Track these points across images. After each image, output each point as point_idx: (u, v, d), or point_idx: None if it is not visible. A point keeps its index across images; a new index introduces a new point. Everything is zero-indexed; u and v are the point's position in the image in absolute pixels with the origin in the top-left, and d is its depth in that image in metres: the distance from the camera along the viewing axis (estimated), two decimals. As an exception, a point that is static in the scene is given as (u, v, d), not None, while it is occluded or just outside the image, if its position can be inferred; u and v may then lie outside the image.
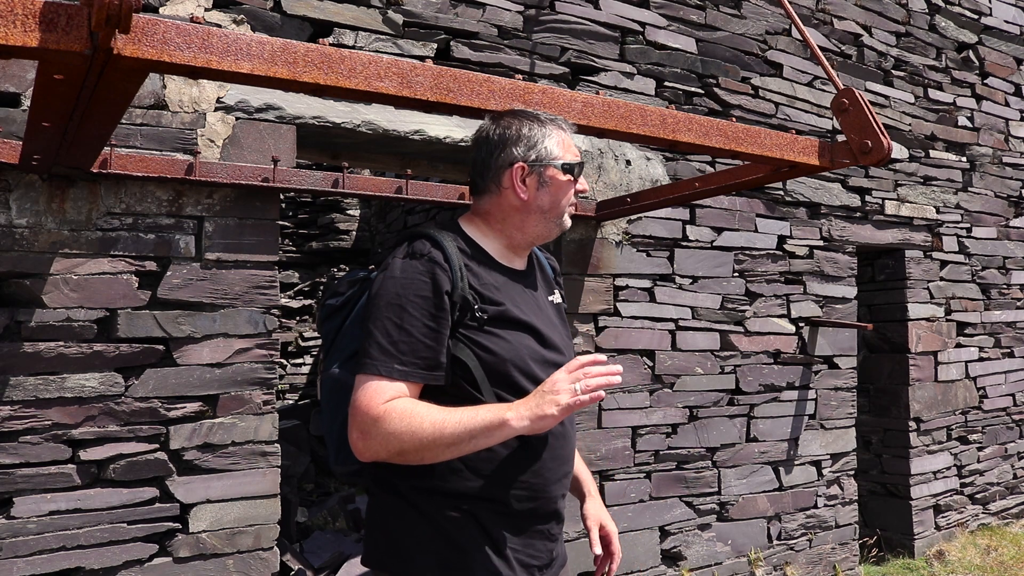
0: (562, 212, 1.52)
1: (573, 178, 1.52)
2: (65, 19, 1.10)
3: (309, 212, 7.16)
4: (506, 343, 1.42)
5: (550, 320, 1.55)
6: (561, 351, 1.53)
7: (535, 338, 1.47)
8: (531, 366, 1.44)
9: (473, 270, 1.44)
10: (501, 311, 1.43)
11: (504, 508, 1.43)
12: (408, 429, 1.30)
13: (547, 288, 1.63)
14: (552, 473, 1.47)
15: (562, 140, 1.51)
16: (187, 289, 2.33)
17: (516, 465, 1.43)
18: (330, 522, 4.27)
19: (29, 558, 2.10)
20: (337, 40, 2.68)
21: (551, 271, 1.70)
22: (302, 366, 7.02)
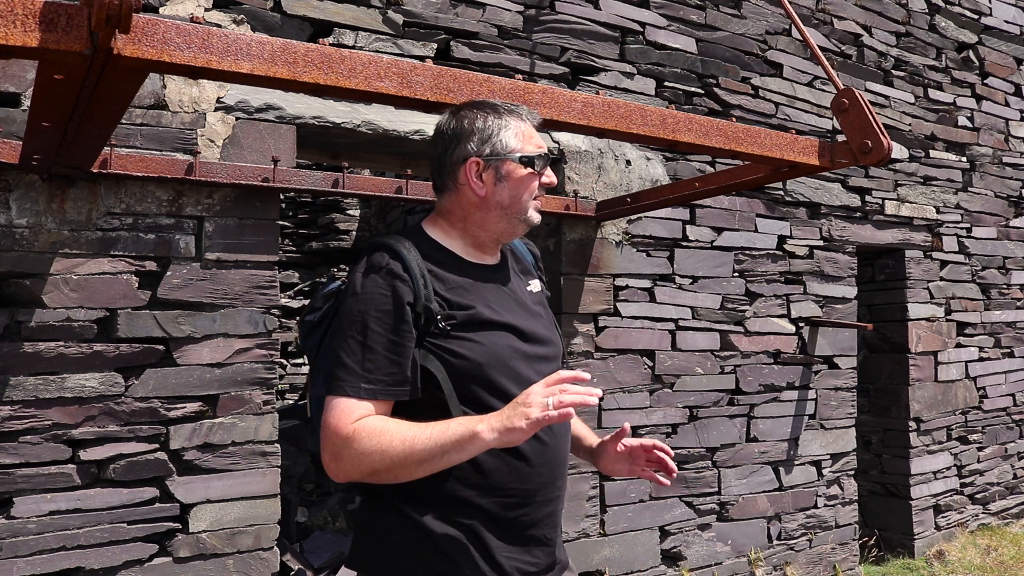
0: (524, 208, 1.45)
1: (535, 171, 1.44)
2: (65, 19, 1.10)
3: (309, 212, 7.16)
4: (479, 346, 1.37)
5: (530, 312, 1.50)
6: (546, 342, 1.48)
7: (515, 335, 1.42)
8: (512, 365, 1.39)
9: (438, 275, 1.40)
10: (471, 314, 1.38)
11: (494, 514, 1.39)
12: (378, 448, 1.27)
13: (525, 277, 1.58)
14: (542, 478, 1.42)
15: (520, 131, 1.44)
16: (187, 289, 2.33)
17: (503, 471, 1.38)
18: (330, 522, 4.27)
19: (29, 558, 2.10)
20: (337, 40, 2.68)
21: (531, 257, 1.65)
22: (302, 366, 7.02)
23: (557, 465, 1.47)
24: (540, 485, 1.43)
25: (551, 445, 1.44)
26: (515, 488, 1.40)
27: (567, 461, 1.53)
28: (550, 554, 1.47)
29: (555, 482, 1.47)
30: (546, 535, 1.46)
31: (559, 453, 1.48)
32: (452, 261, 1.45)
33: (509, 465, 1.39)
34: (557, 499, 1.49)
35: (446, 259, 1.45)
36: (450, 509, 1.38)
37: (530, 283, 1.57)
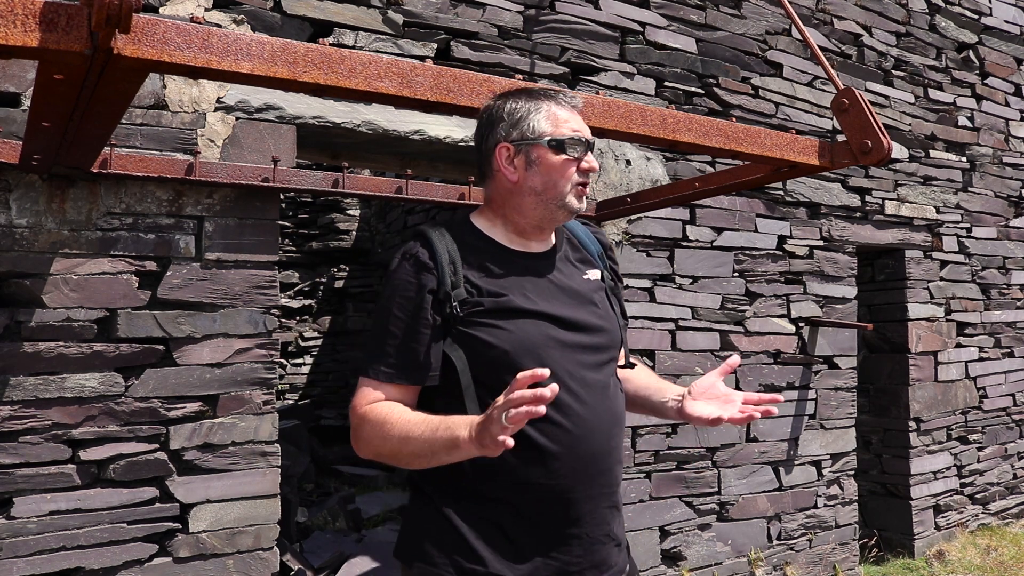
0: (561, 194, 1.41)
1: (570, 156, 1.40)
2: (65, 19, 1.09)
3: (309, 212, 7.16)
4: (508, 333, 1.35)
5: (578, 301, 1.45)
6: (593, 331, 1.44)
7: (551, 323, 1.39)
8: (544, 354, 1.36)
9: (472, 262, 1.40)
10: (502, 302, 1.36)
11: (524, 511, 1.36)
12: (379, 436, 1.33)
13: (582, 266, 1.53)
14: (575, 473, 1.36)
15: (552, 115, 1.41)
16: (187, 289, 2.33)
17: (527, 467, 1.35)
18: (330, 522, 4.27)
19: (29, 558, 2.10)
20: (337, 40, 2.68)
21: (596, 246, 1.59)
22: (302, 366, 7.03)
23: (594, 459, 1.39)
24: (574, 481, 1.37)
25: (582, 437, 1.37)
26: (542, 484, 1.35)
27: (613, 453, 1.43)
28: (594, 553, 1.41)
29: (595, 477, 1.40)
30: (589, 533, 1.40)
31: (595, 446, 1.39)
32: (491, 249, 1.44)
33: (535, 460, 1.35)
34: (601, 496, 1.41)
35: (485, 247, 1.44)
36: (482, 504, 1.37)
37: (588, 272, 1.52)
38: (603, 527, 1.42)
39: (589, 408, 1.38)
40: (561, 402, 1.35)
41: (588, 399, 1.39)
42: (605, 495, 1.42)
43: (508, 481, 1.35)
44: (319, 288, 7.13)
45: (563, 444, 1.35)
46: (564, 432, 1.35)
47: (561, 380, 1.34)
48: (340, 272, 7.08)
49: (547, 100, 1.43)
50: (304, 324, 7.06)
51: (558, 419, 1.35)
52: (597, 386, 1.42)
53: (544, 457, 1.34)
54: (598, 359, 1.44)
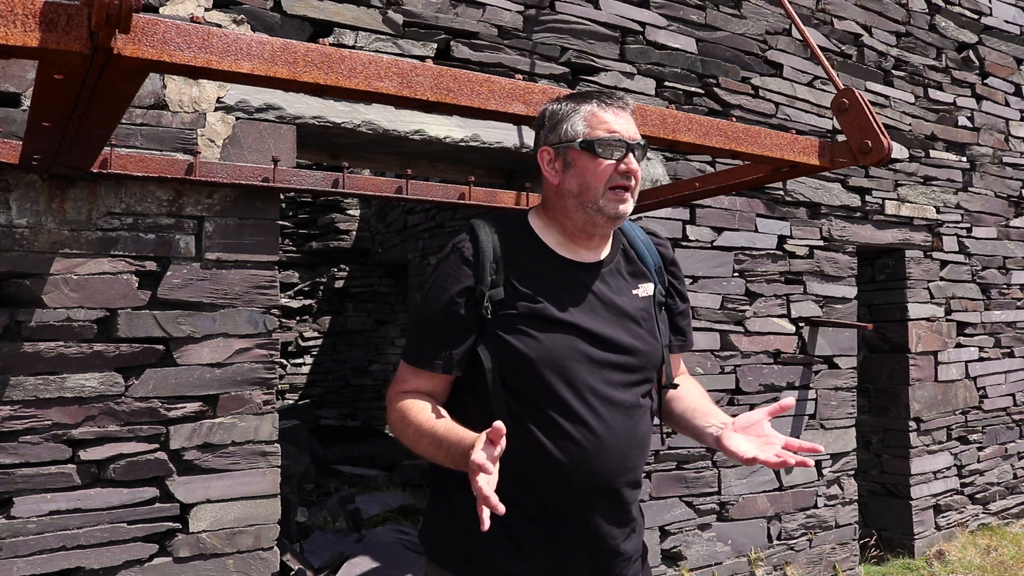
0: (595, 196, 1.38)
1: (605, 158, 1.37)
2: (65, 19, 1.09)
3: (309, 212, 7.16)
4: (536, 342, 1.35)
5: (617, 316, 1.43)
6: (627, 351, 1.42)
7: (582, 338, 1.38)
8: (568, 367, 1.35)
9: (517, 263, 1.40)
10: (535, 309, 1.36)
11: (529, 513, 1.37)
12: (399, 429, 1.42)
13: (634, 279, 1.50)
14: (580, 489, 1.36)
15: (591, 115, 1.39)
16: (187, 289, 2.33)
17: (536, 474, 1.35)
18: (330, 522, 4.27)
19: (29, 558, 2.10)
20: (337, 40, 2.68)
21: (655, 259, 1.56)
22: (302, 366, 7.03)
23: (603, 477, 1.38)
24: (579, 494, 1.37)
25: (593, 453, 1.36)
26: (549, 493, 1.36)
27: (626, 474, 1.41)
28: (597, 566, 1.41)
29: (603, 494, 1.39)
30: (593, 546, 1.40)
31: (606, 464, 1.38)
32: (539, 252, 1.44)
33: (544, 469, 1.35)
34: (608, 513, 1.40)
35: (534, 249, 1.44)
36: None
37: (640, 286, 1.50)
38: (608, 541, 1.42)
39: (606, 426, 1.38)
40: (578, 416, 1.35)
41: (607, 417, 1.38)
42: (613, 513, 1.41)
43: (517, 484, 1.34)
44: (319, 288, 7.13)
45: (573, 457, 1.35)
46: (576, 446, 1.35)
47: (582, 395, 1.35)
48: (340, 272, 7.08)
49: (590, 102, 1.41)
50: (304, 324, 7.06)
51: (572, 432, 1.35)
52: (620, 406, 1.40)
53: (552, 467, 1.35)
54: (627, 379, 1.42)
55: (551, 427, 1.34)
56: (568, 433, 1.35)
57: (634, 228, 1.59)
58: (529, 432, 1.35)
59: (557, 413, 1.35)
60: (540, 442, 1.34)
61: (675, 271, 1.60)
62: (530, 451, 1.34)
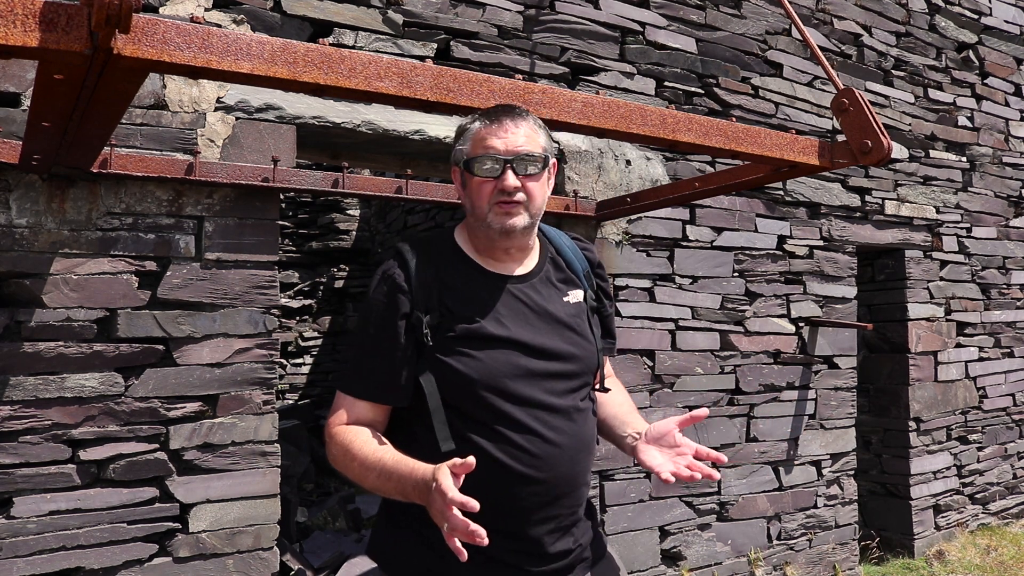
0: (483, 214, 1.39)
1: (483, 176, 1.38)
2: (65, 19, 1.09)
3: (309, 212, 7.16)
4: (476, 362, 1.36)
5: (554, 325, 1.45)
6: (565, 358, 1.43)
7: (520, 351, 1.39)
8: (510, 384, 1.37)
9: (449, 283, 1.41)
10: (473, 328, 1.37)
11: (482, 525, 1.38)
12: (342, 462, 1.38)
13: (563, 287, 1.51)
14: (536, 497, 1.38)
15: (474, 135, 1.40)
16: (187, 289, 2.33)
17: (491, 488, 1.34)
18: (330, 522, 4.27)
19: (29, 558, 2.10)
20: (337, 40, 2.68)
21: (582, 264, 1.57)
22: (302, 366, 7.02)
23: (557, 483, 1.40)
24: (536, 503, 1.38)
25: (546, 462, 1.38)
26: (506, 504, 1.37)
27: (578, 477, 1.44)
28: (552, 568, 1.42)
29: (558, 499, 1.41)
30: (549, 550, 1.41)
31: (559, 470, 1.40)
32: (468, 269, 1.45)
33: (499, 482, 1.36)
34: (562, 516, 1.43)
35: (463, 266, 1.45)
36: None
37: (570, 293, 1.51)
38: (564, 543, 1.44)
39: (556, 433, 1.39)
40: (528, 427, 1.37)
41: (555, 424, 1.40)
42: (566, 515, 1.44)
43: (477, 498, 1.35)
44: (319, 288, 7.13)
45: (528, 467, 1.37)
46: (530, 456, 1.37)
47: (526, 408, 1.37)
48: (340, 272, 7.08)
49: (480, 120, 1.41)
50: (304, 324, 7.06)
51: (524, 444, 1.36)
52: (564, 412, 1.42)
53: (508, 480, 1.36)
54: (567, 386, 1.44)
55: (502, 442, 1.36)
56: (520, 445, 1.36)
57: (560, 235, 1.60)
58: (481, 450, 1.35)
59: (505, 428, 1.36)
60: (494, 457, 1.35)
61: (602, 273, 1.61)
62: (485, 468, 1.33)
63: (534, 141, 1.41)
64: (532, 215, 1.42)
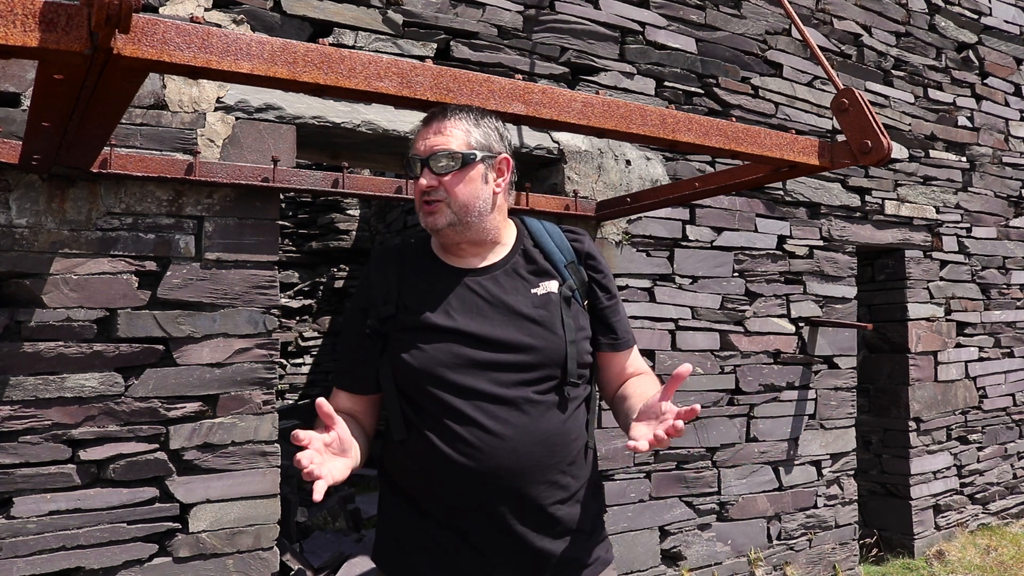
0: (418, 211, 1.47)
1: (413, 176, 1.46)
2: (65, 19, 1.09)
3: (309, 212, 7.16)
4: (421, 352, 1.41)
5: (511, 316, 1.43)
6: (518, 349, 1.41)
7: (465, 342, 1.40)
8: (449, 374, 1.39)
9: (410, 280, 1.48)
10: (419, 320, 1.43)
11: (440, 518, 1.42)
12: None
13: (534, 278, 1.50)
14: (482, 489, 1.37)
15: (418, 135, 1.48)
16: (187, 289, 2.33)
17: (439, 479, 1.39)
18: (330, 522, 4.27)
19: (29, 558, 2.10)
20: (337, 40, 2.68)
21: (567, 256, 1.55)
22: (302, 366, 7.02)
23: (506, 475, 1.38)
24: (483, 495, 1.38)
25: (490, 453, 1.37)
26: (454, 495, 1.40)
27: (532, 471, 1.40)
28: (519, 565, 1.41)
29: (508, 492, 1.39)
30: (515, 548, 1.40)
31: (505, 462, 1.37)
32: (431, 265, 1.51)
33: (445, 473, 1.38)
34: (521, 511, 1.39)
35: (426, 263, 1.51)
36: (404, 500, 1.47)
37: (541, 284, 1.50)
38: (528, 543, 1.41)
39: (499, 423, 1.38)
40: (469, 418, 1.38)
41: (499, 415, 1.39)
42: (526, 513, 1.40)
43: (427, 491, 1.43)
44: (319, 288, 7.13)
45: (470, 458, 1.37)
46: (470, 448, 1.37)
47: (468, 398, 1.38)
48: (340, 272, 7.08)
49: (425, 120, 1.48)
50: (304, 324, 7.06)
51: (464, 435, 1.38)
52: (512, 403, 1.40)
53: (453, 470, 1.38)
54: (519, 378, 1.41)
55: (445, 432, 1.38)
56: (461, 436, 1.38)
57: (546, 227, 1.60)
58: (427, 439, 1.40)
59: (448, 418, 1.39)
60: (438, 448, 1.39)
61: (594, 264, 1.57)
62: (431, 457, 1.39)
63: (458, 139, 1.43)
64: (456, 212, 1.44)
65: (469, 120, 1.46)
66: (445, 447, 1.38)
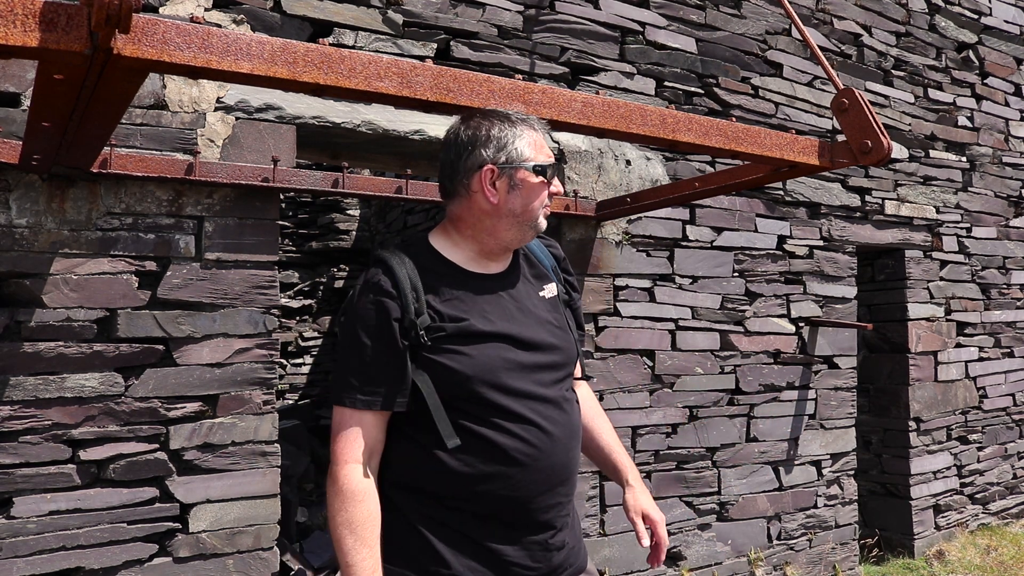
0: (535, 215, 1.48)
1: (546, 180, 1.48)
2: (65, 19, 1.09)
3: (309, 212, 7.16)
4: (468, 359, 1.40)
5: (536, 319, 1.51)
6: (550, 349, 1.49)
7: (512, 345, 1.44)
8: (504, 378, 1.41)
9: (434, 287, 1.44)
10: (462, 326, 1.41)
11: (479, 517, 1.43)
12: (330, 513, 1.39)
13: (538, 282, 1.58)
14: (535, 486, 1.43)
15: (534, 140, 1.47)
16: (187, 289, 2.33)
17: (490, 479, 1.40)
18: (330, 522, 4.26)
19: (29, 558, 2.10)
20: (337, 40, 2.68)
21: (550, 260, 1.65)
22: (302, 366, 7.02)
23: (554, 472, 1.46)
24: (534, 491, 1.44)
25: (544, 451, 1.44)
26: (505, 495, 1.42)
27: (571, 464, 1.51)
28: (552, 558, 1.48)
29: (555, 488, 1.47)
30: (548, 540, 1.47)
31: (556, 459, 1.46)
32: (450, 272, 1.48)
33: (499, 473, 1.41)
34: (559, 505, 1.49)
35: (445, 270, 1.48)
36: (440, 504, 1.43)
37: (544, 288, 1.58)
38: (561, 534, 1.50)
39: (551, 423, 1.45)
40: (525, 418, 1.42)
41: (549, 415, 1.45)
42: (563, 504, 1.50)
43: (469, 491, 1.41)
44: (319, 288, 7.13)
45: (526, 457, 1.41)
46: (530, 446, 1.42)
47: (521, 399, 1.42)
48: (340, 272, 7.08)
49: (525, 126, 1.48)
50: (304, 324, 7.05)
51: (523, 435, 1.41)
52: (554, 403, 1.48)
53: (508, 470, 1.40)
54: (554, 376, 1.50)
55: (506, 434, 1.40)
56: (520, 435, 1.41)
57: None
58: (487, 443, 1.40)
59: (504, 420, 1.41)
60: (497, 446, 1.39)
61: (567, 267, 1.69)
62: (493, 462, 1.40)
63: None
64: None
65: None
66: (507, 445, 1.40)
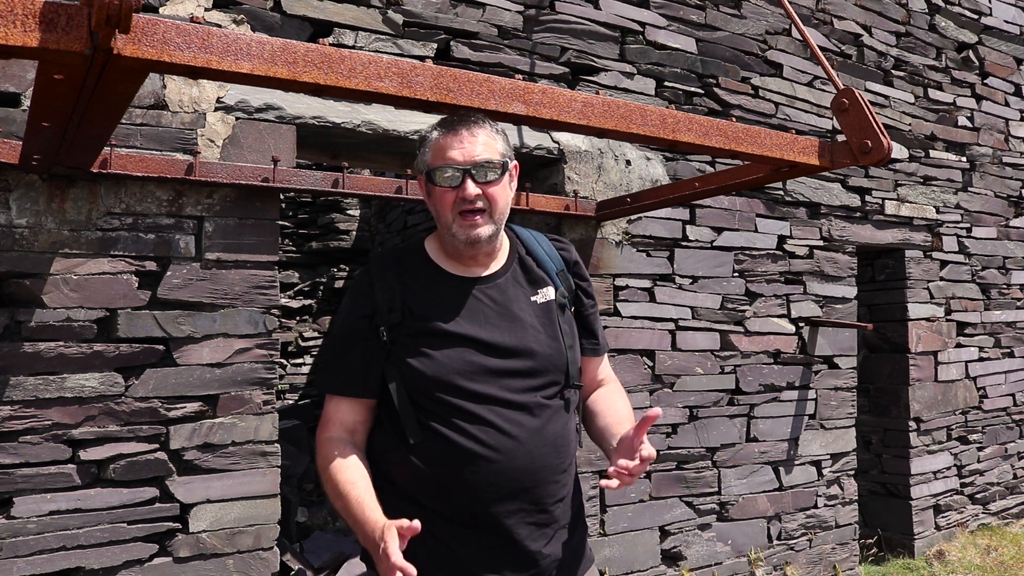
0: (447, 223, 1.45)
1: (444, 187, 1.42)
2: (65, 19, 1.09)
3: (309, 212, 7.15)
4: (431, 360, 1.41)
5: (520, 324, 1.48)
6: (527, 355, 1.46)
7: (476, 349, 1.43)
8: (462, 381, 1.41)
9: (412, 287, 1.47)
10: (429, 327, 1.43)
11: (448, 518, 1.43)
12: (324, 478, 1.46)
13: (531, 287, 1.55)
14: (492, 490, 1.40)
15: (435, 144, 1.45)
16: (187, 289, 2.33)
17: (451, 479, 1.40)
18: (330, 522, 4.26)
19: (29, 558, 2.10)
20: (337, 40, 2.67)
21: (556, 264, 1.59)
22: (302, 366, 7.02)
23: (515, 478, 1.42)
24: (493, 496, 1.41)
25: (504, 455, 1.40)
26: (464, 495, 1.41)
27: (540, 472, 1.45)
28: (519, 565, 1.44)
29: (516, 494, 1.42)
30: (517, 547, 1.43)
31: (516, 464, 1.42)
32: (432, 273, 1.50)
33: (458, 473, 1.40)
34: (524, 512, 1.44)
35: (427, 271, 1.50)
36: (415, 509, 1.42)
37: (538, 292, 1.55)
38: (528, 543, 1.44)
39: (513, 425, 1.42)
40: (485, 420, 1.41)
41: (513, 418, 1.43)
42: (529, 511, 1.45)
43: (440, 493, 1.42)
44: (319, 288, 7.13)
45: (488, 459, 1.40)
46: (488, 448, 1.41)
47: (483, 402, 1.41)
48: (340, 272, 7.08)
49: (439, 129, 1.47)
50: (304, 324, 7.05)
51: (482, 437, 1.41)
52: (524, 408, 1.45)
53: (462, 470, 1.40)
54: (528, 383, 1.46)
55: (463, 435, 1.40)
56: (478, 438, 1.40)
57: (535, 236, 1.64)
58: (445, 439, 1.41)
59: (464, 421, 1.41)
60: (457, 449, 1.40)
61: (579, 272, 1.64)
62: (448, 460, 1.40)
63: (492, 148, 1.46)
64: (496, 221, 1.47)
65: (490, 126, 1.48)
66: (464, 441, 1.40)
